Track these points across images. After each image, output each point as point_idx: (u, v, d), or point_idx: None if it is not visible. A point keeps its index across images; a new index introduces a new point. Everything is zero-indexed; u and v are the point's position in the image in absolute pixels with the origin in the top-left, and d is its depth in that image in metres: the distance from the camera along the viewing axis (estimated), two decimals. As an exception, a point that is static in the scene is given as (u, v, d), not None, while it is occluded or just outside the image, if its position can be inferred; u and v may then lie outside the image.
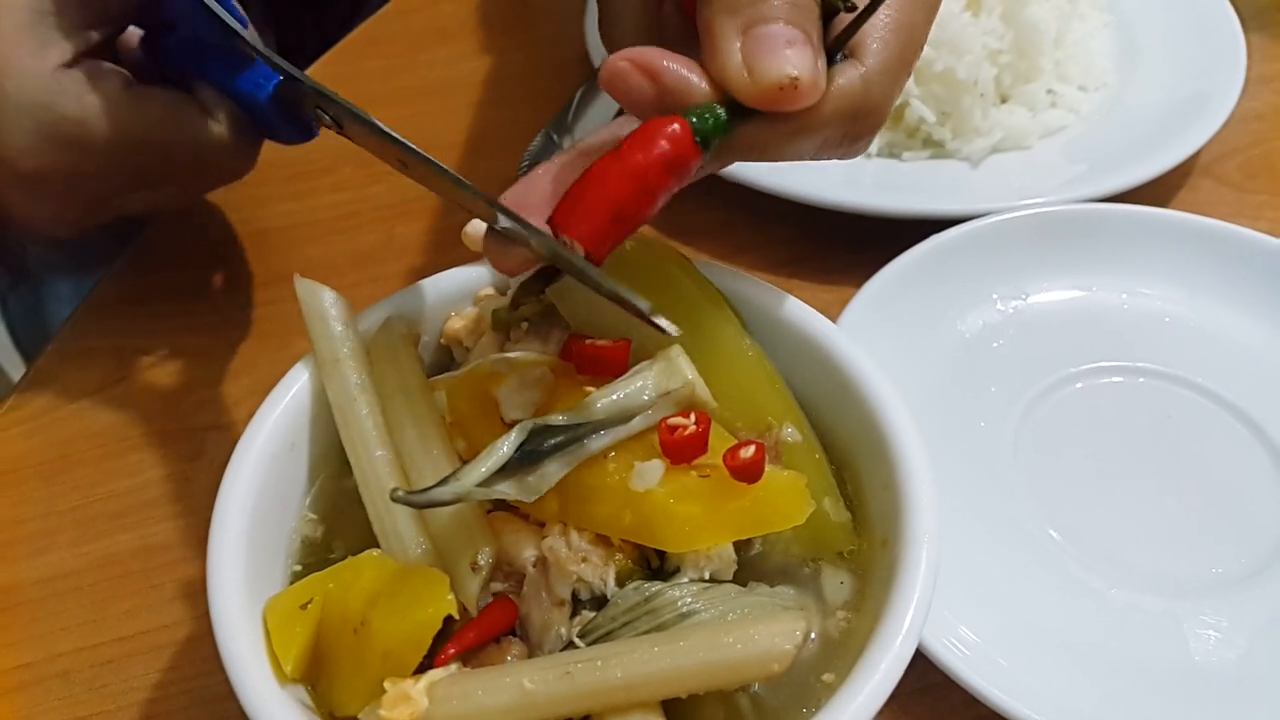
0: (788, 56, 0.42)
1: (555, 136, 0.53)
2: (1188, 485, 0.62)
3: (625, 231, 0.45)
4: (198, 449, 0.68)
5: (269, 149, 0.66)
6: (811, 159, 0.48)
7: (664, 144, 0.43)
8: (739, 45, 0.43)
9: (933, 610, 0.44)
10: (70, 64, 0.58)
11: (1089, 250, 0.72)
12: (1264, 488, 0.62)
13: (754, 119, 0.45)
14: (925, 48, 0.79)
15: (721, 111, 0.44)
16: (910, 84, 0.80)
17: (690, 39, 0.47)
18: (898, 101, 0.79)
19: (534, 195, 0.46)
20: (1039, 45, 0.83)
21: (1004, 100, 0.84)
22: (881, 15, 0.46)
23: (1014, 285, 0.72)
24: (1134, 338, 0.70)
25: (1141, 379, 0.68)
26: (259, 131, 0.64)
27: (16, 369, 0.91)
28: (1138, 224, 0.73)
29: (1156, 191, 0.79)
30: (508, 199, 0.47)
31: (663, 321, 0.43)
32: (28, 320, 1.18)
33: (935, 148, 0.82)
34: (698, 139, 0.44)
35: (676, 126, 0.43)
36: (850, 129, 0.47)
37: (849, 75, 0.45)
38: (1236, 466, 0.63)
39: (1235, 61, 0.85)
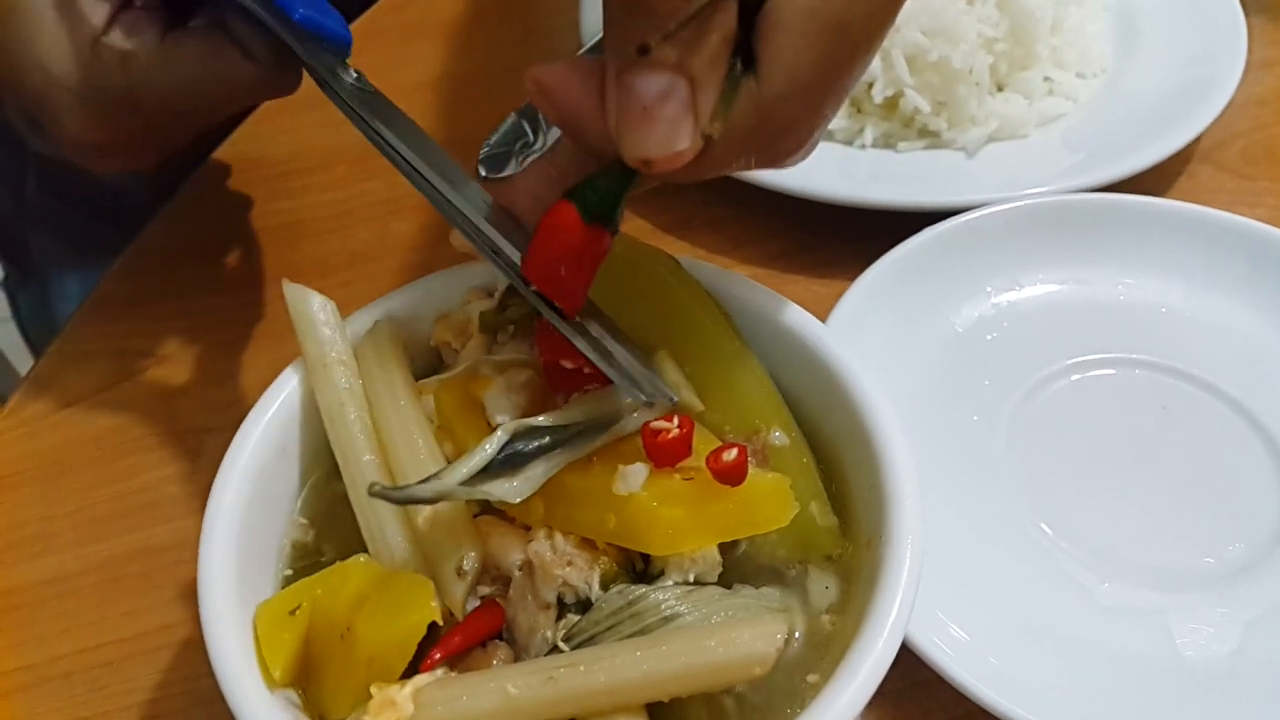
0: (640, 134, 0.38)
1: (524, 123, 0.52)
2: (1183, 478, 0.62)
3: (585, 284, 0.45)
4: (197, 450, 0.69)
5: (262, 143, 0.67)
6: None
7: (562, 238, 0.42)
8: (613, 98, 0.39)
9: (922, 607, 0.44)
10: (107, 26, 0.57)
11: (1083, 241, 0.72)
12: (1260, 481, 0.62)
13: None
14: (920, 36, 0.80)
15: (601, 183, 0.42)
16: (904, 74, 0.80)
17: None
18: (888, 93, 0.79)
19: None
20: (1035, 32, 0.82)
21: (1000, 88, 0.83)
22: (800, 9, 0.39)
23: (1008, 277, 0.72)
24: (1130, 329, 0.69)
25: (1137, 371, 0.67)
26: (295, 53, 0.63)
27: (27, 366, 0.92)
28: (1132, 214, 0.72)
29: (1156, 179, 0.78)
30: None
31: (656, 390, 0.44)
32: (37, 318, 1.20)
33: (931, 138, 0.81)
34: (588, 220, 0.42)
35: (566, 214, 0.42)
36: (762, 156, 0.42)
37: (743, 105, 0.40)
38: (1233, 459, 0.63)
39: (1236, 45, 0.84)
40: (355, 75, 0.54)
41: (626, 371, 0.44)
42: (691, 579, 0.45)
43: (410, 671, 0.43)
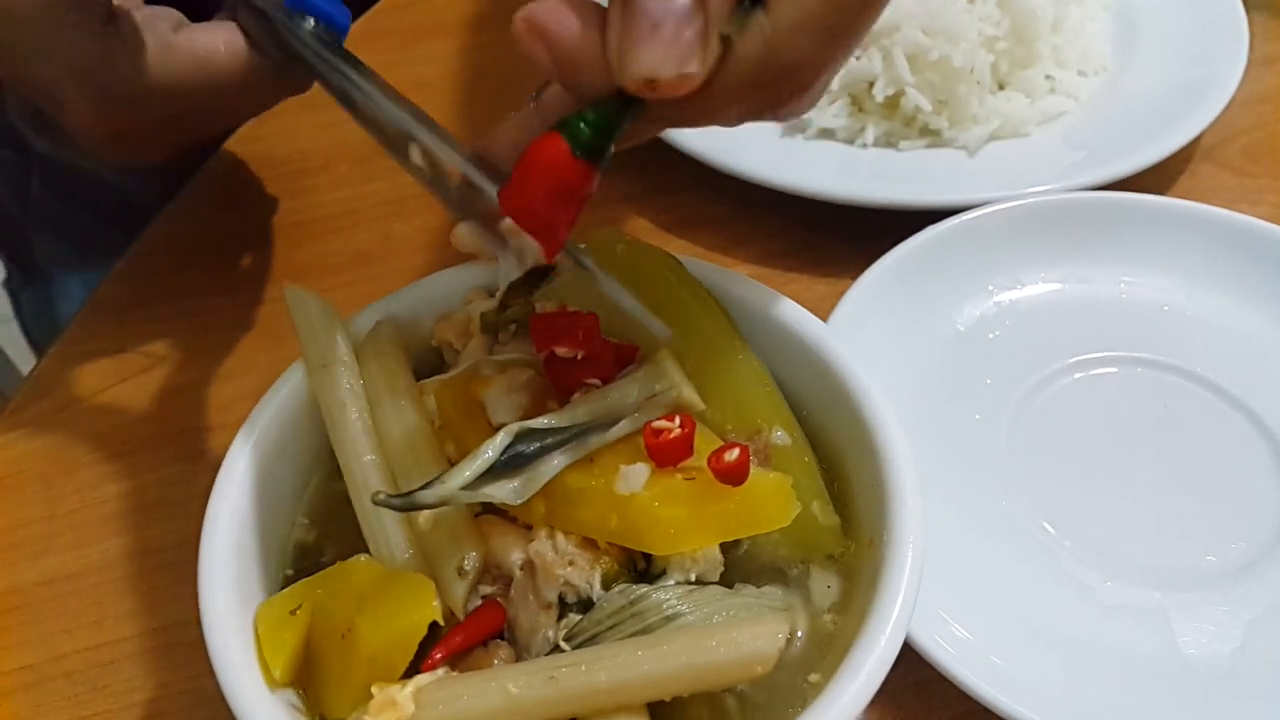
0: (648, 51, 0.37)
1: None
2: (1185, 477, 0.62)
3: (569, 223, 0.43)
4: (198, 450, 0.69)
5: (265, 144, 0.67)
6: (746, 122, 0.44)
7: (547, 170, 0.40)
8: (617, 16, 0.38)
9: (924, 605, 0.44)
10: (116, 16, 0.57)
11: (1085, 240, 0.72)
12: (1262, 479, 0.62)
13: (645, 106, 0.40)
14: (921, 35, 0.80)
15: (594, 116, 0.40)
16: (905, 72, 0.80)
17: None
18: (890, 92, 0.79)
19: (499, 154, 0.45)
20: (1036, 30, 0.82)
21: (1001, 87, 0.83)
22: None
23: (1010, 275, 0.72)
24: (1131, 328, 0.69)
25: (1139, 369, 0.67)
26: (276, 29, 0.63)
27: (30, 366, 0.92)
28: (1134, 212, 0.72)
29: (1157, 177, 0.78)
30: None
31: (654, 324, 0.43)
32: (40, 319, 1.20)
33: (932, 136, 0.81)
34: (578, 154, 0.40)
35: (553, 145, 0.40)
36: (766, 97, 0.41)
37: (750, 37, 0.39)
38: (1235, 458, 0.63)
39: (1237, 43, 0.84)
40: (313, 24, 0.53)
41: (639, 307, 0.44)
42: (693, 578, 0.45)
43: (411, 671, 0.43)
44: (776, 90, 0.41)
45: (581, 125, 0.40)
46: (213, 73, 0.58)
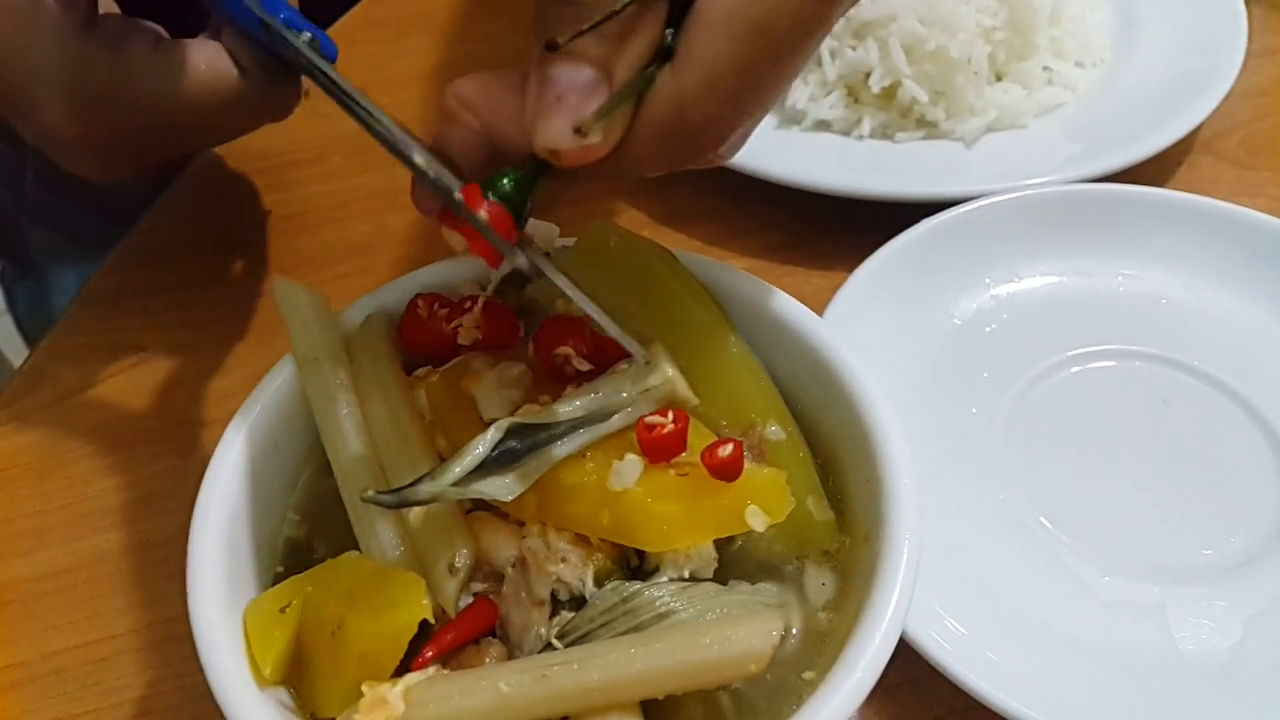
0: (552, 123, 0.38)
1: None
2: (1183, 471, 0.62)
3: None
4: (190, 445, 0.69)
5: (257, 136, 0.66)
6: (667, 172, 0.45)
7: (479, 216, 0.43)
8: (532, 87, 0.39)
9: (920, 601, 0.44)
10: (95, 20, 0.57)
11: (1083, 232, 0.71)
12: (1261, 473, 0.61)
13: (557, 168, 0.42)
14: (918, 25, 0.79)
15: (513, 175, 0.43)
16: (902, 63, 0.79)
17: None
18: (886, 83, 0.78)
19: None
20: (1034, 21, 0.81)
21: (999, 78, 0.83)
22: (724, 7, 0.38)
23: (1007, 268, 0.71)
24: (1129, 321, 0.69)
25: (1137, 363, 0.67)
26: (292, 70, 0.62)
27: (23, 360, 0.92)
28: (1133, 204, 0.72)
29: (1155, 169, 0.78)
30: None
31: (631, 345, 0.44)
32: (34, 313, 1.19)
33: (929, 128, 0.81)
34: (499, 201, 0.43)
35: (479, 203, 0.43)
36: (681, 152, 0.42)
37: (658, 100, 0.40)
38: (1233, 452, 0.62)
39: (1236, 34, 0.83)
40: (309, 36, 0.52)
41: (615, 326, 0.44)
42: (687, 575, 0.44)
43: (402, 669, 0.42)
44: (691, 146, 0.42)
45: (503, 180, 0.43)
46: (191, 89, 0.57)
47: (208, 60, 0.57)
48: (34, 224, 1.14)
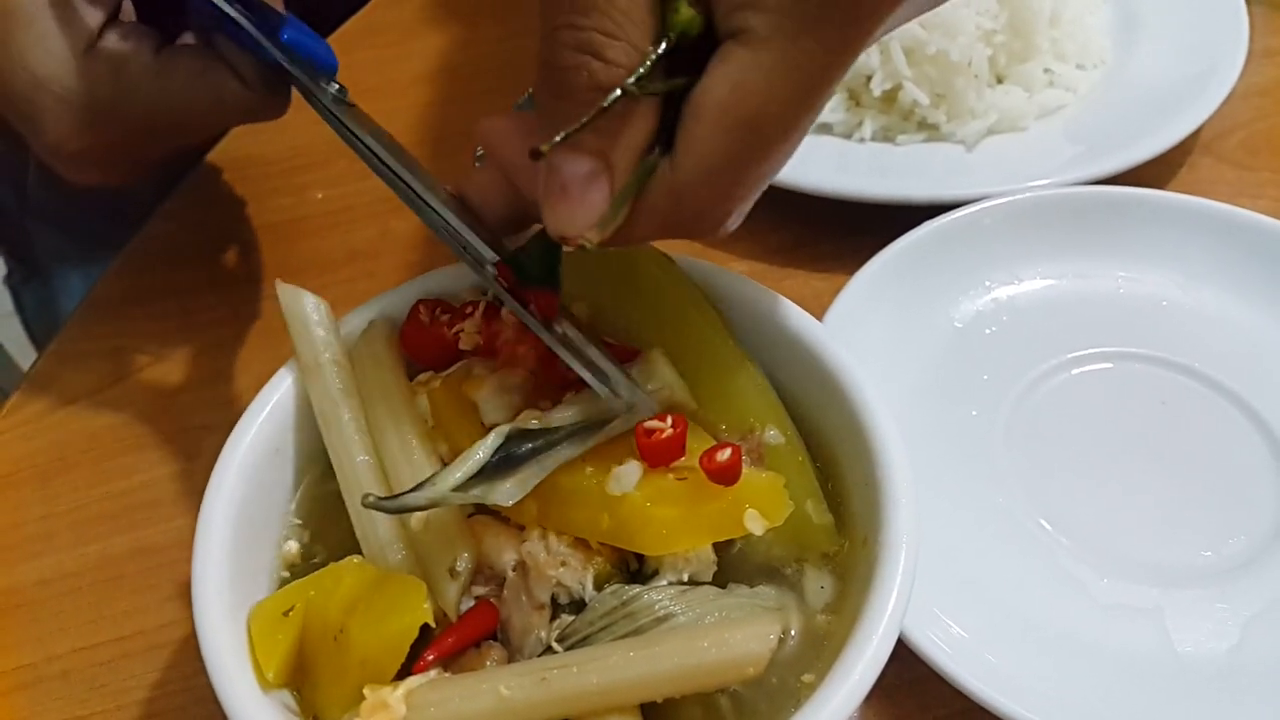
0: (557, 212, 0.41)
1: None
2: (1182, 473, 0.62)
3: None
4: (195, 449, 0.69)
5: (262, 141, 0.66)
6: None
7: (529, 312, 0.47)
8: (541, 172, 0.41)
9: (919, 603, 0.44)
10: (100, 34, 0.58)
11: (1082, 235, 0.71)
12: (1260, 475, 0.61)
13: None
14: (918, 29, 0.79)
15: (534, 248, 0.46)
16: (903, 66, 0.79)
17: None
18: (887, 86, 0.78)
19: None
20: (1034, 24, 0.82)
21: (999, 81, 0.83)
22: (717, 97, 0.39)
23: (1007, 271, 0.71)
24: (1129, 323, 0.69)
25: (1136, 365, 0.67)
26: (286, 75, 0.62)
27: (31, 362, 0.92)
28: (1132, 207, 0.72)
29: (1156, 170, 0.78)
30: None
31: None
32: (41, 315, 1.20)
33: (930, 131, 0.81)
34: (525, 283, 0.47)
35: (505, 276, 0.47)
36: (681, 231, 0.44)
37: (657, 189, 0.41)
38: (1232, 454, 0.62)
39: (1237, 35, 0.83)
40: (337, 88, 0.55)
41: (604, 373, 0.46)
42: (686, 579, 0.45)
43: (403, 673, 0.43)
44: (691, 227, 0.44)
45: (523, 260, 0.47)
46: (191, 98, 0.58)
47: (205, 67, 0.58)
48: (39, 224, 1.14)
